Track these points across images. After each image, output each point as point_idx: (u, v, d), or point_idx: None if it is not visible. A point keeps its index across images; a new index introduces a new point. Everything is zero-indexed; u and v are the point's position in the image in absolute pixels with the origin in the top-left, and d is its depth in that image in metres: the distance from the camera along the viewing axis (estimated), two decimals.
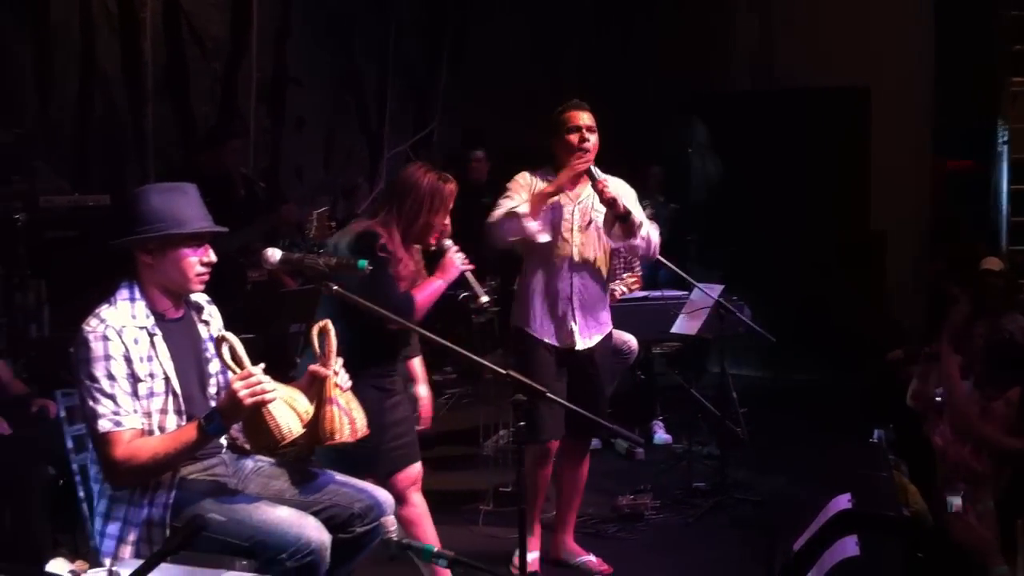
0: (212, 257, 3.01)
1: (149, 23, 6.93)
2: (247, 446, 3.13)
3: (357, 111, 8.53)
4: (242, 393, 2.80)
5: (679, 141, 9.01)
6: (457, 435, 6.45)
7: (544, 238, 4.23)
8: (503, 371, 2.87)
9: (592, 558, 4.58)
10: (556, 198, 4.26)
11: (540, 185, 4.27)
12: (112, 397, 2.81)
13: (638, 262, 6.36)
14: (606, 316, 4.50)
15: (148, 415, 2.89)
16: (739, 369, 7.69)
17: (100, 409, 2.80)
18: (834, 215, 8.83)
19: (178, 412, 2.95)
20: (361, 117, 8.57)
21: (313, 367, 3.05)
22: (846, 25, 8.82)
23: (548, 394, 2.86)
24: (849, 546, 3.44)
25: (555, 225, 4.27)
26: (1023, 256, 8.04)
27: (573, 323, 4.34)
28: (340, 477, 3.18)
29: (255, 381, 2.82)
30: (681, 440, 6.37)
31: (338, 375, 3.04)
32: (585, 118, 4.30)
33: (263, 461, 3.18)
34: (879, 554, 3.19)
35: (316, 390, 3.03)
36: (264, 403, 2.82)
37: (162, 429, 2.91)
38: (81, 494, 3.07)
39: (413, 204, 3.70)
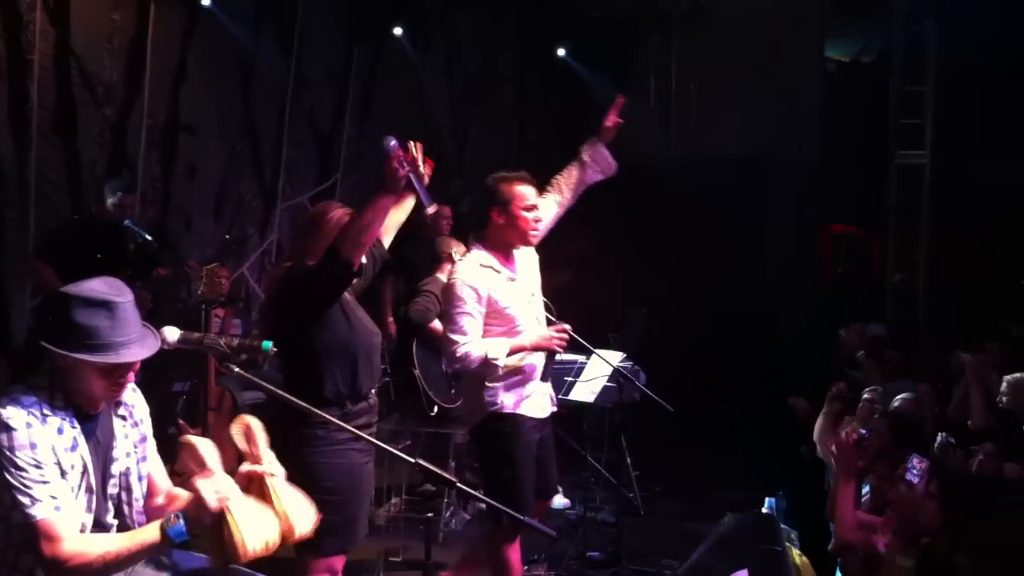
0: (129, 377, 2.76)
1: (37, 65, 6.67)
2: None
3: (252, 160, 8.31)
4: (207, 493, 2.57)
5: None
6: None
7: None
8: (412, 460, 2.77)
9: None
10: (501, 274, 4.10)
11: (488, 260, 4.09)
12: (45, 483, 2.56)
13: None
14: None
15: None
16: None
17: (35, 494, 2.53)
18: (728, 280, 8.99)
19: (88, 510, 2.72)
20: (255, 166, 8.35)
21: (246, 468, 2.79)
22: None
23: (458, 484, 2.77)
24: None
25: (519, 306, 4.13)
26: None
27: (550, 388, 4.28)
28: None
29: (221, 485, 2.61)
30: (575, 505, 6.32)
31: (271, 464, 2.81)
32: (535, 194, 4.16)
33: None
34: None
35: (256, 491, 2.77)
36: (229, 510, 2.60)
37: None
38: None
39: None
